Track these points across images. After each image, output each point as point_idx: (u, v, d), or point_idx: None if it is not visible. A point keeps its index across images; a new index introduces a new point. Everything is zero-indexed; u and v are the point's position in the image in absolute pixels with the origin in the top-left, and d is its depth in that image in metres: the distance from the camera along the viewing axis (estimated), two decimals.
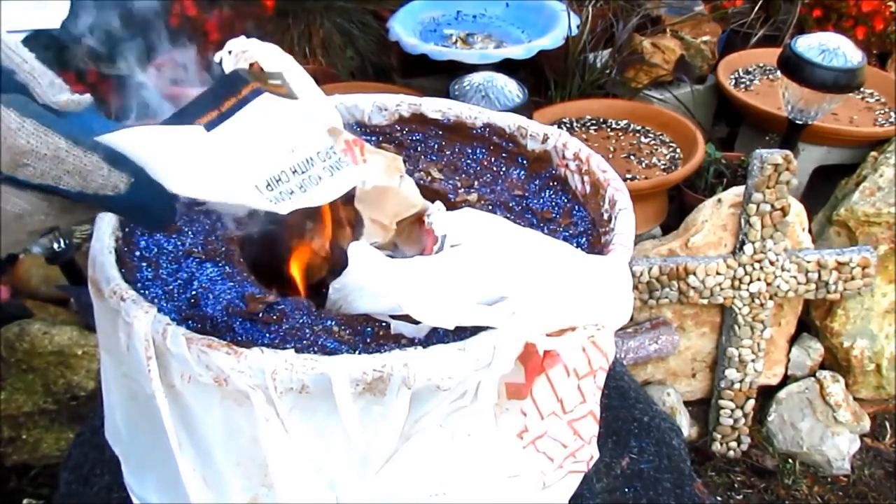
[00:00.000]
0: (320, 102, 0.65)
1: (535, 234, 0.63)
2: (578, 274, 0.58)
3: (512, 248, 0.59)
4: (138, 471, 0.68)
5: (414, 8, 2.09)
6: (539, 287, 0.56)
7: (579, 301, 0.57)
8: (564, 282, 0.57)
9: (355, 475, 0.57)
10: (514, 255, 0.58)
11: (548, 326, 0.56)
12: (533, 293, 0.56)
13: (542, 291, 0.56)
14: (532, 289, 0.56)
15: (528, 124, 0.81)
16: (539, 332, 0.55)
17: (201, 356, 0.53)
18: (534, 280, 0.56)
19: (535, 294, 0.56)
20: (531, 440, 0.62)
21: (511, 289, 0.56)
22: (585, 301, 0.57)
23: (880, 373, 1.73)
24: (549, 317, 0.56)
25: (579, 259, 0.60)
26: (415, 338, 0.59)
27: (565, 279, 0.57)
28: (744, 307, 1.57)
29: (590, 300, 0.58)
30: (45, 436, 1.47)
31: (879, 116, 2.02)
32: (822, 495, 1.64)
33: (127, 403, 0.64)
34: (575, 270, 0.58)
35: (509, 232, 0.62)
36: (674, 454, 0.95)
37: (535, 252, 0.59)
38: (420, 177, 0.79)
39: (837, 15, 2.25)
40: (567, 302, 0.56)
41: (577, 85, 2.03)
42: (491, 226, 0.62)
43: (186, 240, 0.70)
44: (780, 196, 1.48)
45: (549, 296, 0.56)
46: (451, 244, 0.60)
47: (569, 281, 0.57)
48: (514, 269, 0.57)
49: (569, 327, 0.57)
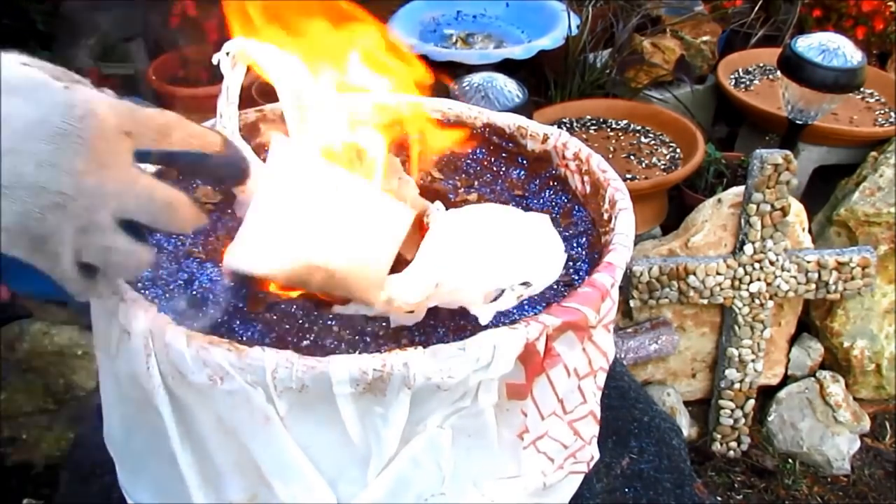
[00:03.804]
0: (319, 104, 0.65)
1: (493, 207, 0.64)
2: (508, 235, 0.59)
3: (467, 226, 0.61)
4: (133, 472, 0.68)
5: (414, 8, 2.09)
6: (471, 255, 0.57)
7: (509, 262, 0.58)
8: (495, 245, 0.58)
9: (355, 475, 0.57)
10: (466, 233, 0.60)
11: (479, 291, 0.57)
12: (464, 261, 0.57)
13: (473, 258, 0.57)
14: (464, 258, 0.57)
15: (528, 124, 0.81)
16: (475, 298, 0.57)
17: (201, 354, 0.53)
18: (469, 250, 0.58)
19: (465, 261, 0.57)
20: (532, 441, 0.62)
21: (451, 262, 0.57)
22: (515, 261, 0.58)
23: (880, 373, 1.73)
24: (477, 281, 0.57)
25: (509, 219, 0.61)
26: (414, 340, 0.59)
27: (497, 242, 0.58)
28: (744, 307, 1.57)
29: (519, 260, 0.59)
30: (45, 436, 1.47)
31: (879, 116, 2.02)
32: (822, 495, 1.64)
33: (123, 404, 0.64)
34: (504, 232, 0.59)
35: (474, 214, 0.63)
36: (674, 454, 0.95)
37: (484, 225, 0.61)
38: (420, 177, 0.79)
39: (837, 15, 2.25)
40: (497, 264, 0.58)
41: (577, 85, 2.03)
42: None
43: (186, 240, 0.70)
44: (780, 196, 1.48)
45: (478, 261, 0.57)
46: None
47: (499, 243, 0.58)
48: (462, 247, 0.58)
49: (499, 290, 0.58)
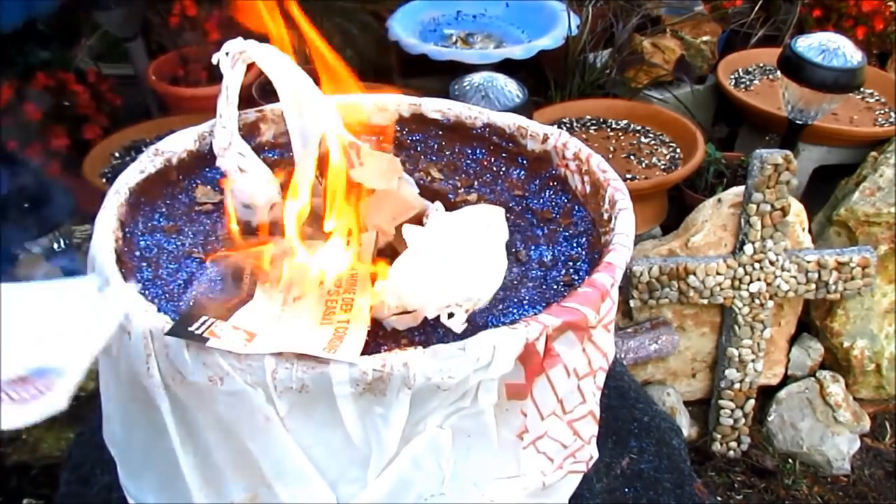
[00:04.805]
0: (319, 104, 0.65)
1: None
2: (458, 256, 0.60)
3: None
4: (135, 472, 0.68)
5: (414, 8, 2.09)
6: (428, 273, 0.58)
7: (460, 279, 0.58)
8: (452, 261, 0.59)
9: (355, 475, 0.57)
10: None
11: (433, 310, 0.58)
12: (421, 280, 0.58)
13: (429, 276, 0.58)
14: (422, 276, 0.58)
15: (528, 124, 0.81)
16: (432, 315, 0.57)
17: (202, 354, 0.53)
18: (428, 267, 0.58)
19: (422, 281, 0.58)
20: (531, 440, 0.62)
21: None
22: (466, 277, 0.59)
23: (880, 373, 1.73)
24: (430, 300, 0.57)
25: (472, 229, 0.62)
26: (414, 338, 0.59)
27: (454, 257, 0.59)
28: (744, 307, 1.57)
29: (468, 275, 0.59)
30: (45, 436, 1.47)
31: (879, 116, 2.02)
32: (822, 495, 1.64)
33: (125, 405, 0.64)
34: (457, 253, 0.60)
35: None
36: (674, 454, 0.95)
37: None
38: (420, 177, 0.79)
39: (837, 15, 2.25)
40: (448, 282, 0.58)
41: (577, 85, 2.03)
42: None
43: (186, 240, 0.70)
44: (780, 196, 1.48)
45: (433, 280, 0.58)
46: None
47: (455, 258, 0.59)
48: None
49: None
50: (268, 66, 0.65)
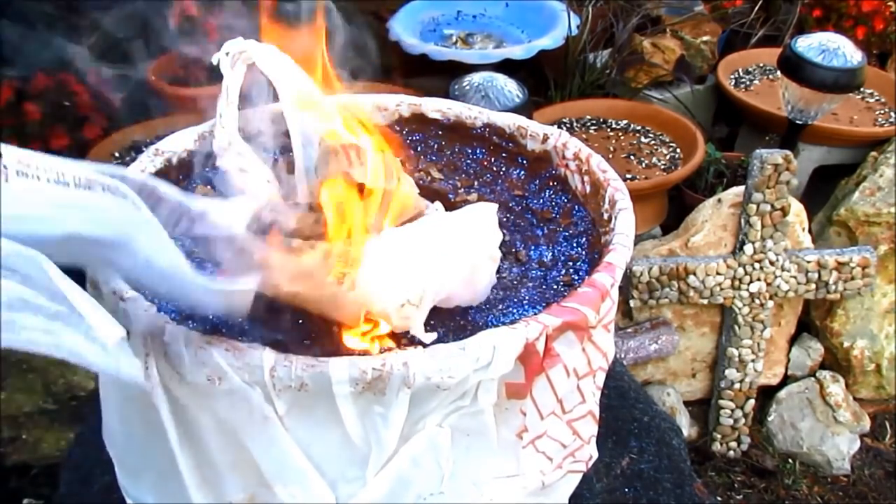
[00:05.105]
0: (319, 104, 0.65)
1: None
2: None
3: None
4: (134, 472, 0.68)
5: (414, 8, 2.09)
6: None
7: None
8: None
9: (355, 474, 0.57)
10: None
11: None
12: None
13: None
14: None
15: (528, 124, 0.81)
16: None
17: (200, 353, 0.53)
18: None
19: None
20: (531, 440, 0.62)
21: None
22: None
23: (880, 373, 1.73)
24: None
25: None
26: None
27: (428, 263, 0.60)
28: (744, 307, 1.57)
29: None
30: (45, 436, 1.47)
31: (879, 116, 2.02)
32: (822, 495, 1.64)
33: (123, 405, 0.64)
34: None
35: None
36: (674, 454, 0.95)
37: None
38: (420, 177, 0.79)
39: (837, 15, 2.25)
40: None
41: (577, 85, 2.03)
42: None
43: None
44: (780, 196, 1.48)
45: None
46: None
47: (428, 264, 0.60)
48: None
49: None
50: (268, 66, 0.65)
